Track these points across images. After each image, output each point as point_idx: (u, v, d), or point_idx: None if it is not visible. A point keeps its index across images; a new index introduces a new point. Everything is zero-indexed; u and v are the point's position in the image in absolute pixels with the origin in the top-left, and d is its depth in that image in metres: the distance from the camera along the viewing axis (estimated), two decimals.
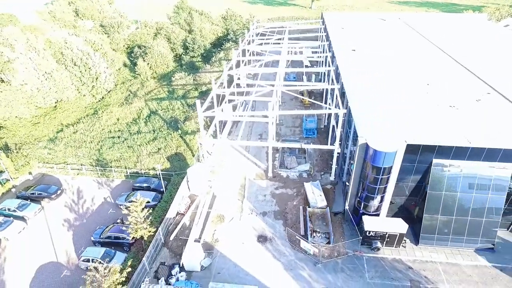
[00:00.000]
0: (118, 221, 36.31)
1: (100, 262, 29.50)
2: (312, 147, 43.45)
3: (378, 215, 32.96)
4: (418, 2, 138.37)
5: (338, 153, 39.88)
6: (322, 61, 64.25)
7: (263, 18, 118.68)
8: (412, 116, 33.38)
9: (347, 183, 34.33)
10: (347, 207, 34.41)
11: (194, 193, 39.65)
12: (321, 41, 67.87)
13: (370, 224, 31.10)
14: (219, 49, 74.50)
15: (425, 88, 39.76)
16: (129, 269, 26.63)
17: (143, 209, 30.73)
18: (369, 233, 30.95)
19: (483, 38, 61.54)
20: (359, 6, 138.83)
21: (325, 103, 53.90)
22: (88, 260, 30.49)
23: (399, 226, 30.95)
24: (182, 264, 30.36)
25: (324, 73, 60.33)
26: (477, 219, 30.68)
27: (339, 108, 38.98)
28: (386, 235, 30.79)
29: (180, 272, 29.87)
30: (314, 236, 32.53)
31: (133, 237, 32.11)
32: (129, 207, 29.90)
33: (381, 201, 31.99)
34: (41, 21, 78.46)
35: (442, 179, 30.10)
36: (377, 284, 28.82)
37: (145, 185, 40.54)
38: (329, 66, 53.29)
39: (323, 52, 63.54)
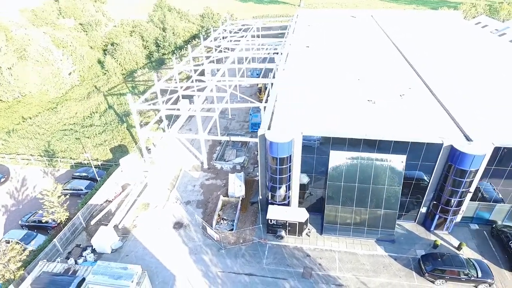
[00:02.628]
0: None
1: (17, 243, 31.80)
2: (241, 139, 44.84)
3: (287, 204, 34.23)
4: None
5: None
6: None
7: (249, 16, 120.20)
8: (323, 110, 34.40)
9: (257, 174, 35.65)
10: (260, 197, 35.81)
11: (127, 182, 41.68)
12: (285, 38, 68.92)
13: (272, 213, 32.34)
14: (185, 46, 76.39)
15: (354, 83, 40.57)
16: (32, 248, 28.69)
17: (59, 196, 32.97)
18: (271, 222, 32.22)
19: (447, 35, 61.07)
20: (348, 3, 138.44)
21: None
22: (8, 242, 32.76)
23: (300, 215, 32.11)
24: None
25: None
26: (376, 211, 31.57)
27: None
28: (287, 224, 32.01)
29: (89, 254, 31.90)
30: (221, 223, 34.06)
31: (54, 220, 34.24)
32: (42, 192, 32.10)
33: (287, 190, 33.27)
34: (24, 20, 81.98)
35: (340, 170, 31.06)
36: (271, 270, 30.11)
37: (83, 174, 42.80)
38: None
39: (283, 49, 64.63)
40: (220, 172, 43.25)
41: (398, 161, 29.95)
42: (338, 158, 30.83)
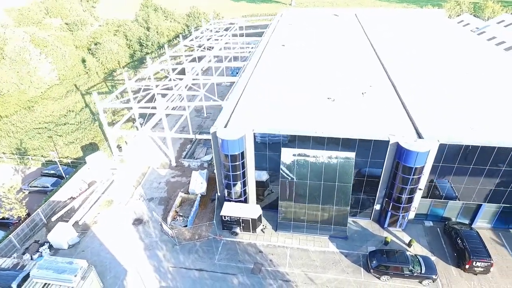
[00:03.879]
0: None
1: None
2: (208, 137, 45.13)
3: (244, 201, 34.55)
4: None
5: None
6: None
7: (239, 15, 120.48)
8: (282, 108, 34.54)
9: (214, 172, 35.98)
10: (219, 194, 36.17)
11: (94, 180, 42.19)
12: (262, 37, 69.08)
13: (226, 209, 32.71)
14: (166, 45, 76.86)
15: (320, 81, 40.70)
16: None
17: (18, 192, 33.52)
18: (225, 218, 32.59)
19: (425, 34, 60.52)
20: (339, 2, 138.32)
21: None
22: None
23: (253, 211, 32.43)
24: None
25: None
26: (328, 208, 31.84)
27: None
28: (240, 220, 32.35)
29: (46, 250, 32.39)
30: (177, 220, 34.48)
31: (13, 216, 34.81)
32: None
33: (243, 187, 33.59)
34: (10, 20, 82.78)
35: (291, 167, 31.34)
36: (222, 266, 30.48)
37: (52, 172, 43.42)
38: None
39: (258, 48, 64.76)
40: (187, 169, 43.65)
41: (347, 158, 30.18)
42: (289, 155, 31.10)
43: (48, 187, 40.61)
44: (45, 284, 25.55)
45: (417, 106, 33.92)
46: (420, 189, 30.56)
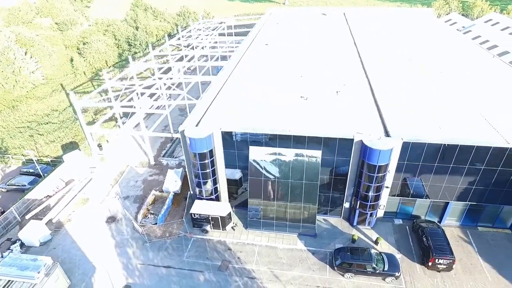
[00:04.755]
0: None
1: None
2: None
3: (216, 199, 34.76)
4: None
5: None
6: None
7: (231, 14, 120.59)
8: (254, 106, 34.73)
9: (185, 171, 36.23)
10: (191, 192, 36.41)
11: (72, 178, 42.49)
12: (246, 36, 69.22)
13: (196, 207, 32.93)
14: (150, 45, 77.13)
15: (296, 80, 40.86)
16: None
17: None
18: (194, 216, 32.82)
19: (410, 33, 60.27)
20: (333, 1, 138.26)
21: None
22: None
23: (222, 209, 32.64)
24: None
25: None
26: (296, 205, 32.03)
27: None
28: (209, 218, 32.57)
29: (17, 247, 32.69)
30: (148, 217, 34.74)
31: None
32: None
33: (214, 185, 33.82)
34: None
35: (260, 165, 31.51)
36: (189, 263, 30.72)
37: (31, 170, 43.71)
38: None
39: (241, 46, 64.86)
40: (165, 168, 43.85)
41: (314, 156, 30.33)
42: (257, 153, 31.27)
43: (25, 186, 40.85)
44: (8, 281, 25.81)
45: (390, 105, 34.06)
46: (387, 187, 30.74)
